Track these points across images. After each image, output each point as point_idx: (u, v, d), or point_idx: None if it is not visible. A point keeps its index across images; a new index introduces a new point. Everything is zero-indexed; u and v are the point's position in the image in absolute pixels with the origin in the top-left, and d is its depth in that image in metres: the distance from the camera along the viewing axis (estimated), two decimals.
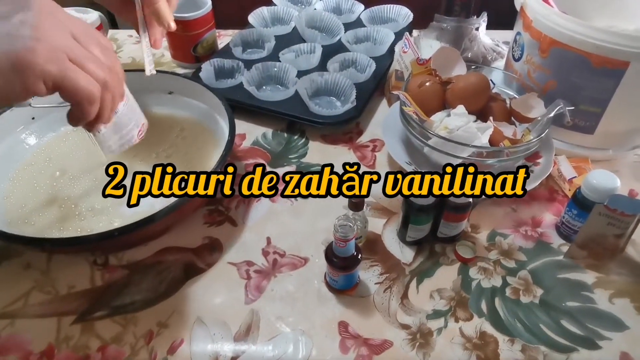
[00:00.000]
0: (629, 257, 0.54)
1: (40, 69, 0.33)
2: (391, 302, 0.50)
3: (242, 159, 0.67)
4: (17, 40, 0.33)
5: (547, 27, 0.59)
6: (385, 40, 0.83)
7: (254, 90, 0.72)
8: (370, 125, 0.73)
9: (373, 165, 0.66)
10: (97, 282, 0.52)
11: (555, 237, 0.56)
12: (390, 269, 0.53)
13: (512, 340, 0.46)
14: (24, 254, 0.54)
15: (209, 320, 0.48)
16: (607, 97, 0.58)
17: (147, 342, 0.46)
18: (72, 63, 0.35)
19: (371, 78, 0.76)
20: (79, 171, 0.61)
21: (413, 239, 0.54)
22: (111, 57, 0.39)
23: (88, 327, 0.48)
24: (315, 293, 0.51)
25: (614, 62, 0.55)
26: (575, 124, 0.62)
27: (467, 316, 0.48)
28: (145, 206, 0.56)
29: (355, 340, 0.47)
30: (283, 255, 0.54)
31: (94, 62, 0.37)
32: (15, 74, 0.33)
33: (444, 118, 0.59)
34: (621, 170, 0.64)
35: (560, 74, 0.60)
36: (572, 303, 0.50)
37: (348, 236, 0.44)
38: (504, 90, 0.66)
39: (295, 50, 0.80)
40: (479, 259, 0.54)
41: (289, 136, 0.71)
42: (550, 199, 0.61)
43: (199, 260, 0.54)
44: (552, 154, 0.61)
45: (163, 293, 0.50)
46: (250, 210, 0.59)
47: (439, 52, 0.64)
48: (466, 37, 0.79)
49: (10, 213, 0.55)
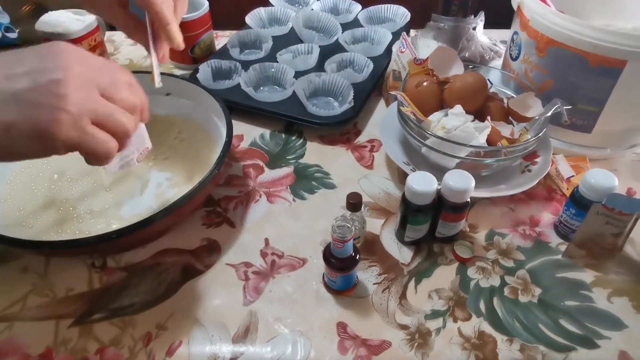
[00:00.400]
0: (628, 255, 0.54)
1: (63, 139, 0.34)
2: (390, 302, 0.50)
3: (240, 160, 0.67)
4: (42, 110, 0.33)
5: (544, 26, 0.59)
6: (383, 40, 0.83)
7: (251, 91, 0.72)
8: (368, 125, 0.73)
9: (371, 166, 0.66)
10: (95, 284, 0.52)
11: (554, 236, 0.56)
12: (388, 270, 0.53)
13: (510, 339, 0.46)
14: (21, 257, 0.54)
15: (207, 322, 0.48)
16: (605, 96, 0.58)
17: (146, 345, 0.46)
18: (95, 125, 0.36)
19: (369, 78, 0.76)
20: (77, 174, 0.61)
21: (411, 239, 0.54)
22: (139, 95, 0.40)
23: (86, 330, 0.48)
24: (313, 294, 0.51)
25: (611, 61, 0.55)
26: (573, 123, 0.62)
27: (465, 316, 0.48)
28: (144, 208, 0.56)
29: (353, 340, 0.47)
30: (281, 256, 0.54)
31: (116, 116, 0.38)
32: (37, 140, 0.34)
33: (441, 118, 0.59)
34: (619, 169, 0.64)
35: (558, 73, 0.60)
36: (571, 302, 0.50)
37: (346, 237, 0.44)
38: (501, 89, 0.66)
39: (292, 51, 0.80)
40: (477, 259, 0.54)
41: (286, 137, 0.71)
42: (548, 198, 0.61)
43: (198, 261, 0.54)
44: (549, 153, 0.61)
45: (161, 295, 0.50)
46: (249, 212, 0.59)
47: (436, 52, 0.64)
48: (463, 36, 0.79)
49: (8, 216, 0.55)
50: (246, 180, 0.64)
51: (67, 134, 0.34)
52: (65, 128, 0.34)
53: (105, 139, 0.37)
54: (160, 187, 0.59)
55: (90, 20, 0.78)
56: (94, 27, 0.79)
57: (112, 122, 0.37)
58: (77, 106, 0.34)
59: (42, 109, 0.33)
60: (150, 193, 0.59)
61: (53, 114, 0.33)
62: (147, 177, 0.60)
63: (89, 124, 0.36)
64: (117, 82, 0.38)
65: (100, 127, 0.37)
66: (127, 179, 0.60)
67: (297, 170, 0.65)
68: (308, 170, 0.65)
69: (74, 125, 0.34)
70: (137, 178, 0.60)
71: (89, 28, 0.77)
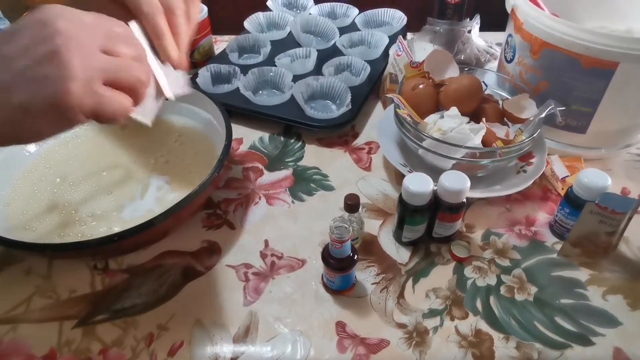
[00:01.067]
0: (622, 254, 0.55)
1: (78, 106, 0.33)
2: (388, 302, 0.50)
3: (240, 163, 0.68)
4: (50, 83, 0.32)
5: (538, 29, 0.60)
6: (380, 43, 0.84)
7: (250, 95, 0.73)
8: (365, 128, 0.74)
9: (369, 168, 0.67)
10: (98, 286, 0.52)
11: (549, 235, 0.57)
12: (386, 270, 0.53)
13: (507, 337, 0.47)
14: (25, 259, 0.55)
15: (208, 322, 0.49)
16: (598, 97, 0.59)
17: (148, 345, 0.47)
18: (107, 85, 0.35)
19: (366, 81, 0.77)
20: (79, 177, 0.62)
21: (409, 239, 0.55)
22: (137, 47, 0.38)
23: (89, 331, 0.48)
24: (312, 294, 0.51)
25: (604, 63, 0.56)
26: (568, 124, 0.63)
27: (462, 315, 0.49)
28: (145, 211, 0.57)
29: (352, 340, 0.47)
30: (281, 257, 0.55)
31: (125, 69, 0.36)
32: (56, 114, 0.33)
33: (437, 120, 0.60)
34: (614, 169, 0.65)
35: (551, 75, 0.61)
36: (566, 300, 0.50)
37: (344, 237, 0.45)
38: (496, 91, 0.67)
39: (290, 55, 0.81)
40: (473, 258, 0.54)
41: (285, 140, 0.72)
42: (543, 198, 0.62)
43: (198, 263, 0.54)
44: (544, 154, 0.62)
45: (163, 296, 0.51)
46: (248, 214, 0.60)
47: (431, 55, 0.65)
48: (459, 39, 0.80)
49: (12, 219, 0.56)
50: (245, 183, 0.65)
51: (80, 101, 0.33)
52: (77, 96, 0.33)
53: (120, 98, 0.35)
54: (160, 191, 0.60)
55: None
56: None
57: (124, 77, 0.36)
58: (82, 70, 0.33)
59: (49, 83, 0.32)
60: (150, 196, 0.59)
61: (61, 85, 0.32)
62: (148, 181, 0.61)
63: (101, 86, 0.34)
64: (114, 35, 0.36)
65: (114, 86, 0.35)
66: (128, 183, 0.61)
67: (295, 173, 0.66)
68: (306, 173, 0.66)
69: (85, 90, 0.33)
70: (137, 182, 0.61)
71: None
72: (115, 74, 0.35)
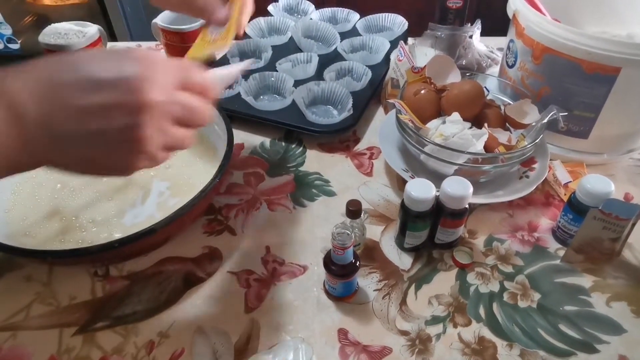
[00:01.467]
0: (626, 260, 0.54)
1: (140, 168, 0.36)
2: (390, 308, 0.50)
3: (241, 168, 0.68)
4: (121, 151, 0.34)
5: (539, 35, 0.60)
6: (381, 48, 0.84)
7: (251, 100, 0.73)
8: (367, 133, 0.74)
9: (370, 173, 0.67)
10: (98, 293, 0.52)
11: (552, 241, 0.57)
12: (388, 276, 0.53)
13: (510, 345, 0.47)
14: (25, 266, 0.55)
15: (209, 330, 0.48)
16: (600, 102, 0.59)
17: (148, 352, 0.47)
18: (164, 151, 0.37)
19: (367, 86, 0.77)
20: (80, 184, 0.61)
21: (411, 245, 0.55)
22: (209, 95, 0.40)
23: (89, 338, 0.48)
24: (314, 301, 0.51)
25: (606, 68, 0.56)
26: (570, 129, 0.63)
27: (465, 321, 0.49)
28: (146, 217, 0.57)
29: (354, 347, 0.47)
30: (282, 263, 0.55)
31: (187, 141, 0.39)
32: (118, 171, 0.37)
33: (439, 125, 0.59)
34: (616, 174, 0.65)
35: (553, 80, 0.61)
36: (570, 307, 0.50)
37: (346, 244, 0.44)
38: (498, 96, 0.67)
39: (292, 60, 0.81)
40: (476, 265, 0.54)
41: (286, 145, 0.72)
42: (546, 203, 0.61)
43: (199, 269, 0.54)
44: (547, 159, 0.62)
45: (164, 303, 0.51)
46: (249, 220, 0.60)
47: (433, 60, 0.65)
48: (460, 44, 0.80)
49: (12, 226, 0.56)
50: (247, 189, 0.64)
51: (143, 164, 0.36)
52: (143, 163, 0.36)
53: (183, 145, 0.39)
54: (161, 196, 0.60)
55: (92, 32, 0.79)
56: (96, 39, 0.80)
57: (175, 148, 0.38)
58: (152, 145, 0.35)
59: (121, 150, 0.34)
60: (151, 202, 0.59)
61: (131, 156, 0.35)
62: (149, 187, 0.61)
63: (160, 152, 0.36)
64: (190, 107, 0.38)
65: None
66: (129, 189, 0.61)
67: (297, 178, 0.66)
68: (308, 178, 0.66)
69: (150, 158, 0.36)
70: (138, 187, 0.61)
71: (91, 39, 0.78)
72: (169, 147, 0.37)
